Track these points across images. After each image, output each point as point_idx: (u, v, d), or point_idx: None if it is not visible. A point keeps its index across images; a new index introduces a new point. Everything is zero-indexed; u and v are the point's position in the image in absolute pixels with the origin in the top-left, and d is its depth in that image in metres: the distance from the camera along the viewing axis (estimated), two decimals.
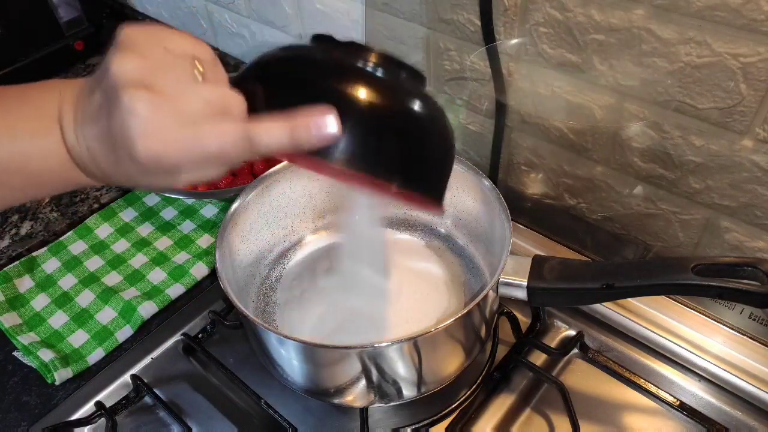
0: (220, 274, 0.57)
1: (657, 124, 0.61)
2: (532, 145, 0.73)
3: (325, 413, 0.62)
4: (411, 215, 0.74)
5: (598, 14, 0.58)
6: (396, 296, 0.64)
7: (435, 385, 0.60)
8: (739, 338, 0.63)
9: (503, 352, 0.64)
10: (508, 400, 0.61)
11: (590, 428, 0.58)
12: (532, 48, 0.65)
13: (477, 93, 0.75)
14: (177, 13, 1.15)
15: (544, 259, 0.58)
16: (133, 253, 0.80)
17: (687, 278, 0.50)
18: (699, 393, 0.61)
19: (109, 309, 0.73)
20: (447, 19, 0.70)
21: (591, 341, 0.65)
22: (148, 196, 0.88)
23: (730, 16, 0.50)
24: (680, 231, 0.66)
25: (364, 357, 0.53)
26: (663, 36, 0.55)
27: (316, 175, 0.71)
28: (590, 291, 0.55)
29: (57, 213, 0.87)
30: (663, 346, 0.64)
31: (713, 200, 0.61)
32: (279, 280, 0.70)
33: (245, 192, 0.66)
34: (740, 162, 0.57)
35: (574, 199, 0.74)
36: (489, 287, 0.54)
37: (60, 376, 0.66)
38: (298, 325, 0.63)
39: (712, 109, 0.56)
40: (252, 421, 0.62)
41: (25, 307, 0.74)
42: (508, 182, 0.79)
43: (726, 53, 0.52)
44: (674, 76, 0.56)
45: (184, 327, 0.70)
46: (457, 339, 0.57)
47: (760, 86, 0.52)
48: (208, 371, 0.66)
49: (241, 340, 0.68)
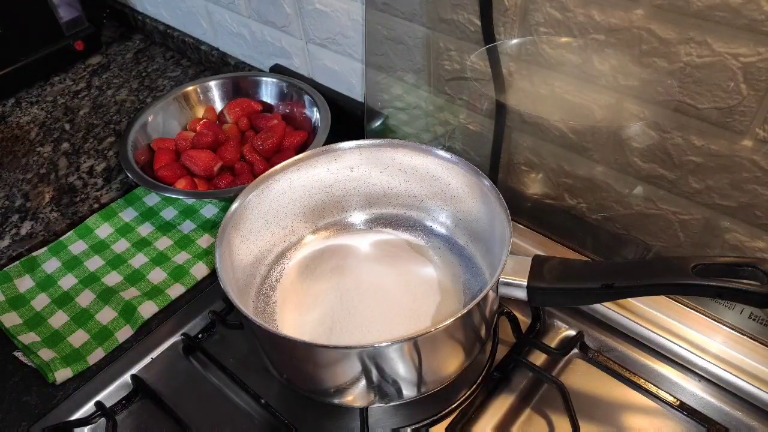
0: (220, 274, 0.57)
1: (657, 124, 0.61)
2: (532, 145, 0.73)
3: (325, 413, 0.62)
4: (411, 215, 0.75)
5: (598, 14, 0.58)
6: (396, 296, 0.64)
7: (435, 385, 0.60)
8: (739, 338, 0.63)
9: (503, 352, 0.64)
10: (508, 400, 0.61)
11: (590, 428, 0.58)
12: (532, 48, 0.65)
13: (477, 93, 0.75)
14: (177, 13, 1.15)
15: (544, 259, 0.58)
16: (133, 253, 0.80)
17: (687, 278, 0.50)
18: (699, 393, 0.61)
19: (109, 309, 0.73)
20: (447, 19, 0.70)
21: (591, 341, 0.65)
22: (148, 196, 0.88)
23: (730, 16, 0.50)
24: (680, 231, 0.66)
25: (364, 357, 0.53)
26: (663, 36, 0.55)
27: (317, 175, 0.72)
28: (590, 291, 0.55)
29: (57, 213, 0.87)
30: (663, 346, 0.64)
31: (713, 200, 0.61)
32: (279, 280, 0.70)
33: (245, 192, 0.66)
34: (740, 162, 0.57)
35: (574, 199, 0.74)
36: (489, 287, 0.54)
37: (60, 376, 0.66)
38: (298, 325, 0.63)
39: (712, 109, 0.56)
40: (252, 421, 0.62)
41: (26, 307, 0.74)
42: (508, 182, 0.79)
43: (726, 53, 0.52)
44: (674, 76, 0.56)
45: (184, 327, 0.70)
46: (457, 339, 0.57)
47: (760, 86, 0.52)
48: (208, 371, 0.66)
49: (241, 340, 0.68)
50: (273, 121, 0.91)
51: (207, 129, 0.90)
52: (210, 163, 0.85)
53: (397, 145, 0.70)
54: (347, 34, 0.86)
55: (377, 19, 0.79)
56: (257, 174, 0.82)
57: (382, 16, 0.78)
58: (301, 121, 0.93)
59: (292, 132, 0.90)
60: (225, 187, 0.84)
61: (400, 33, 0.78)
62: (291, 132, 0.90)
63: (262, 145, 0.86)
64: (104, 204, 0.87)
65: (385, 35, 0.80)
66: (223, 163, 0.86)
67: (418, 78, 0.81)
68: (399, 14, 0.75)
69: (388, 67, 0.83)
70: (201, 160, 0.85)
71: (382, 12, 0.78)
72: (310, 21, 0.90)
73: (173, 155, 0.88)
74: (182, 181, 0.83)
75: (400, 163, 0.71)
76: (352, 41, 0.86)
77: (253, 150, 0.87)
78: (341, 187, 0.73)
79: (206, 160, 0.85)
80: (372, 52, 0.83)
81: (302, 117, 0.93)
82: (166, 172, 0.84)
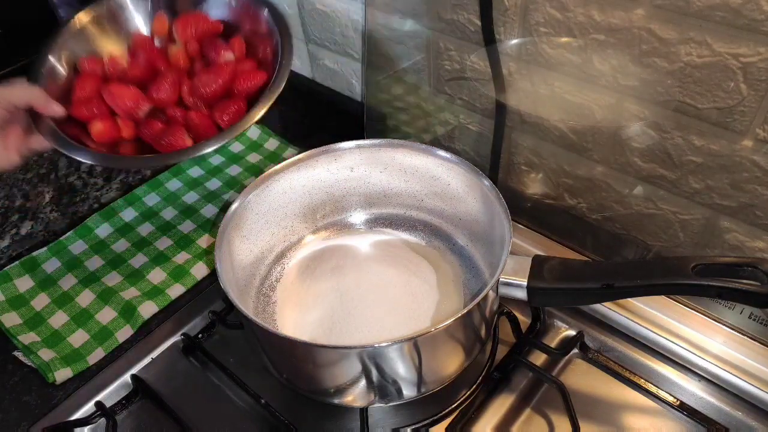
0: (220, 274, 0.57)
1: (657, 124, 0.61)
2: (532, 145, 0.73)
3: (325, 413, 0.62)
4: (411, 215, 0.75)
5: (598, 14, 0.58)
6: (396, 296, 0.64)
7: (435, 385, 0.60)
8: (739, 338, 0.63)
9: (503, 352, 0.64)
10: (508, 400, 0.61)
11: (590, 428, 0.58)
12: (532, 48, 0.65)
13: (477, 93, 0.75)
14: None
15: (544, 259, 0.58)
16: (133, 253, 0.80)
17: (687, 278, 0.50)
18: (699, 393, 0.61)
19: (109, 309, 0.73)
20: (447, 19, 0.70)
21: (591, 341, 0.65)
22: (149, 195, 0.88)
23: (730, 16, 0.50)
24: (680, 231, 0.66)
25: (364, 357, 0.53)
26: (663, 36, 0.55)
27: (317, 175, 0.72)
28: (590, 291, 0.55)
29: (57, 213, 0.87)
30: (663, 346, 0.64)
31: (713, 200, 0.61)
32: (279, 280, 0.70)
33: (245, 192, 0.66)
34: (740, 162, 0.57)
35: (574, 199, 0.74)
36: (489, 287, 0.54)
37: (60, 375, 0.66)
38: (298, 325, 0.63)
39: (712, 109, 0.56)
40: (252, 421, 0.62)
41: (26, 306, 0.74)
42: (508, 182, 0.79)
43: (726, 53, 0.52)
44: (674, 76, 0.56)
45: (184, 327, 0.70)
46: (457, 339, 0.57)
47: (760, 86, 0.52)
48: (208, 371, 0.66)
49: (241, 340, 0.68)
50: (227, 54, 0.67)
51: (143, 52, 0.69)
52: (133, 104, 0.64)
53: (397, 145, 0.70)
54: (347, 34, 0.86)
55: (377, 19, 0.79)
56: (191, 129, 0.64)
57: (382, 16, 0.78)
58: (263, 51, 0.69)
59: (248, 71, 0.66)
60: (152, 137, 0.64)
61: (400, 33, 0.78)
62: (246, 71, 0.66)
63: (204, 88, 0.65)
64: (104, 204, 0.87)
65: (385, 35, 0.80)
66: (152, 104, 0.65)
67: (418, 78, 0.81)
68: (399, 14, 0.75)
69: (388, 67, 0.83)
70: (122, 99, 0.64)
71: (382, 12, 0.78)
72: (310, 21, 0.90)
73: (99, 84, 0.66)
74: (99, 125, 0.64)
75: (400, 163, 0.71)
76: (352, 41, 0.86)
77: (193, 92, 0.65)
78: (341, 187, 0.73)
79: (129, 99, 0.64)
80: (372, 52, 0.83)
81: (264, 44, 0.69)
82: (83, 108, 0.64)
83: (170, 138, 0.63)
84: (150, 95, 0.65)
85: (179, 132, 0.63)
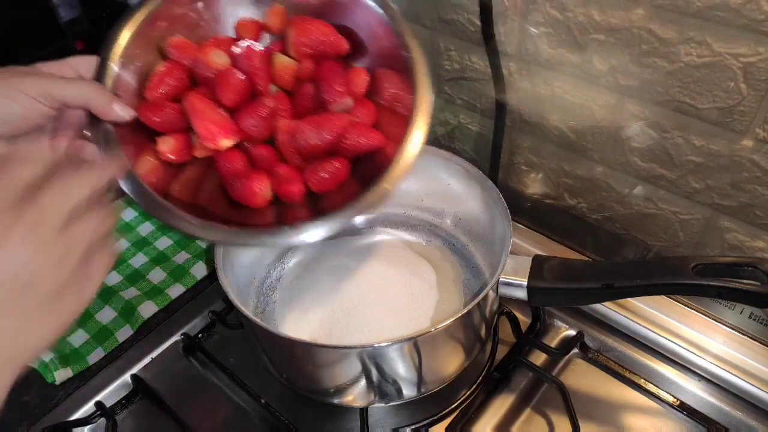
0: (220, 274, 0.57)
1: (657, 124, 0.61)
2: (532, 145, 0.73)
3: (325, 413, 0.62)
4: (411, 215, 0.75)
5: (598, 14, 0.58)
6: (396, 296, 0.63)
7: (435, 385, 0.60)
8: (739, 338, 0.63)
9: (503, 352, 0.64)
10: (508, 400, 0.61)
11: (590, 428, 0.58)
12: (532, 48, 0.65)
13: (477, 93, 0.75)
14: None
15: (544, 259, 0.58)
16: (133, 252, 0.80)
17: (687, 278, 0.50)
18: (699, 393, 0.61)
19: (109, 309, 0.73)
20: (447, 19, 0.70)
21: (591, 341, 0.65)
22: None
23: (730, 16, 0.50)
24: (680, 231, 0.66)
25: (364, 357, 0.53)
26: (663, 36, 0.55)
27: None
28: (590, 291, 0.55)
29: None
30: (663, 346, 0.64)
31: (713, 200, 0.61)
32: (279, 280, 0.70)
33: None
34: (740, 162, 0.57)
35: (574, 199, 0.74)
36: (489, 287, 0.54)
37: (60, 375, 0.66)
38: (298, 325, 0.63)
39: (712, 109, 0.56)
40: (252, 421, 0.62)
41: None
42: (508, 182, 0.79)
43: (726, 53, 0.52)
44: (674, 76, 0.56)
45: (184, 327, 0.70)
46: (457, 339, 0.57)
47: (760, 86, 0.52)
48: (208, 371, 0.66)
49: (241, 340, 0.68)
50: (345, 101, 0.50)
51: (246, 60, 0.50)
52: (215, 133, 0.48)
53: None
54: None
55: None
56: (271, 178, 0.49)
57: None
58: (388, 92, 0.51)
59: (363, 127, 0.50)
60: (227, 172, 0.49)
61: None
62: (360, 126, 0.50)
63: (303, 141, 0.49)
64: None
65: None
66: (237, 138, 0.49)
67: None
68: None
69: None
70: (203, 122, 0.47)
71: None
72: None
73: (187, 78, 0.50)
74: (170, 141, 0.49)
75: None
76: None
77: (291, 137, 0.50)
78: None
79: (211, 125, 0.48)
80: None
81: (391, 82, 0.51)
82: (158, 114, 0.48)
83: (245, 183, 0.48)
84: (237, 123, 0.49)
85: (259, 180, 0.48)
